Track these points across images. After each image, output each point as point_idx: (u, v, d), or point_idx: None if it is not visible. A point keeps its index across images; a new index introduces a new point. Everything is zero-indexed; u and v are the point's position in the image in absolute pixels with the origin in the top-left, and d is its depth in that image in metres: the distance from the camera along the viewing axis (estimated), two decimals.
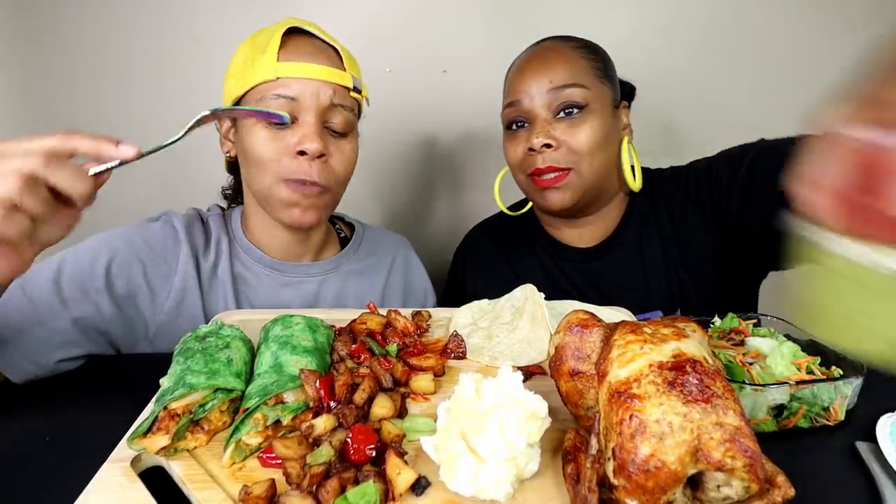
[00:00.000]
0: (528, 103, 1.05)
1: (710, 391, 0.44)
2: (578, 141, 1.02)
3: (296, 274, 1.06)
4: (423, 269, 1.24)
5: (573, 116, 1.03)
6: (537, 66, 1.06)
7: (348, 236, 1.18)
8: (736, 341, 0.78)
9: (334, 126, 0.94)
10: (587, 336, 0.57)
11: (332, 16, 1.54)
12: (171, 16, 1.52)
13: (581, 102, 1.02)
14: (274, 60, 0.89)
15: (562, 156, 1.03)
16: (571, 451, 0.54)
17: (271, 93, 0.89)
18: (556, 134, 1.03)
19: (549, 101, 1.03)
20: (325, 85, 0.91)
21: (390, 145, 1.65)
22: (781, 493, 0.45)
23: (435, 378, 0.71)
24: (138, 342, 0.96)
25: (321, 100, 0.91)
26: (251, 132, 0.92)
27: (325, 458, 0.53)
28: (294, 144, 0.90)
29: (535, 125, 1.04)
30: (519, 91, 1.06)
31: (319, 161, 0.92)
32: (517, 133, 1.09)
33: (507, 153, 1.12)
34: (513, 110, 1.08)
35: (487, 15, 1.55)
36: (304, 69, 0.90)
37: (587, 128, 1.02)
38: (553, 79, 1.03)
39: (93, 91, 1.56)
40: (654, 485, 0.42)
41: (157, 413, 0.57)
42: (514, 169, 1.12)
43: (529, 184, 1.09)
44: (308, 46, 0.93)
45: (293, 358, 0.66)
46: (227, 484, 0.54)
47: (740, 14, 1.54)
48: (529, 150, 1.05)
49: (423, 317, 0.89)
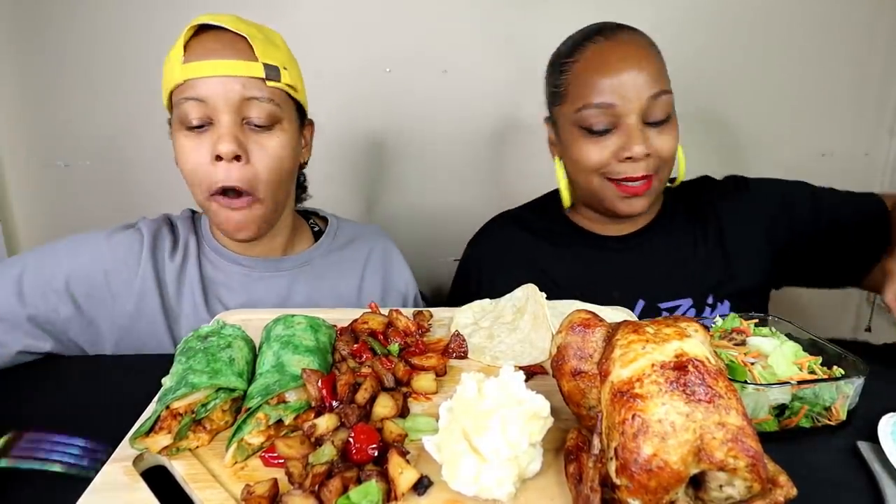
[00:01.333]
0: (623, 107, 0.97)
1: (713, 391, 0.44)
2: (668, 149, 1.00)
3: (266, 269, 1.05)
4: (404, 261, 1.19)
5: (661, 124, 0.99)
6: (632, 64, 0.97)
7: (323, 230, 1.16)
8: (738, 341, 0.78)
9: (254, 120, 0.89)
10: (589, 336, 0.57)
11: (332, 16, 1.54)
12: (171, 15, 1.52)
13: (670, 112, 1.00)
14: (180, 63, 0.87)
15: (652, 164, 1.00)
16: (574, 450, 0.54)
17: (182, 97, 0.87)
18: (651, 143, 0.99)
19: (646, 108, 0.97)
20: (233, 80, 0.86)
21: (390, 145, 1.65)
22: (783, 493, 0.45)
23: (437, 378, 0.71)
24: (102, 344, 0.98)
25: (230, 96, 0.86)
26: (176, 139, 0.91)
27: (328, 457, 0.53)
28: (212, 147, 0.87)
29: (631, 132, 0.98)
30: (611, 92, 0.97)
31: (238, 164, 0.88)
32: (602, 137, 1.00)
33: (586, 156, 1.02)
34: (599, 112, 0.99)
35: (487, 14, 1.55)
36: (208, 67, 0.86)
37: (673, 136, 1.00)
38: (651, 83, 0.97)
39: (92, 91, 1.56)
40: (657, 484, 0.42)
41: (160, 412, 0.57)
42: (589, 171, 1.04)
43: (609, 187, 1.03)
44: (213, 42, 0.88)
45: (295, 357, 0.66)
46: (230, 483, 0.54)
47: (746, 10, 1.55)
48: (626, 158, 0.99)
49: (424, 316, 0.89)
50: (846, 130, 1.64)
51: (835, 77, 1.60)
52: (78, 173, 1.62)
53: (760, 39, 1.57)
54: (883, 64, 1.59)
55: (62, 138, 1.59)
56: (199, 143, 0.88)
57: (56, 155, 1.60)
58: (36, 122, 1.58)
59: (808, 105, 1.62)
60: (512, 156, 1.64)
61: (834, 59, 1.59)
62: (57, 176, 1.62)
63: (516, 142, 1.63)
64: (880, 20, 1.56)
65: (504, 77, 1.58)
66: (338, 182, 1.66)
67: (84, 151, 1.61)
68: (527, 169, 1.56)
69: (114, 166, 1.61)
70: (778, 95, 1.61)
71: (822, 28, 1.56)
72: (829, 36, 1.57)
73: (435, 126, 1.63)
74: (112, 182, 1.63)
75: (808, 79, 1.60)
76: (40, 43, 1.52)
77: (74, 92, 1.56)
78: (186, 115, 0.87)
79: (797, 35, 1.56)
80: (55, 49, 1.53)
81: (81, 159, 1.61)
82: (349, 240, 1.15)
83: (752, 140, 1.65)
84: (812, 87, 1.61)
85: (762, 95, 1.61)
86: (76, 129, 1.58)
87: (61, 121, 1.58)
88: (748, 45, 1.57)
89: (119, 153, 1.60)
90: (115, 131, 1.58)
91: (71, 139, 1.59)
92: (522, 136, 1.62)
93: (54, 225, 1.66)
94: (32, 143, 1.60)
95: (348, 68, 1.57)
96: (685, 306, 1.08)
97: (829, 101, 1.62)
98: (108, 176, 1.62)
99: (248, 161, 0.89)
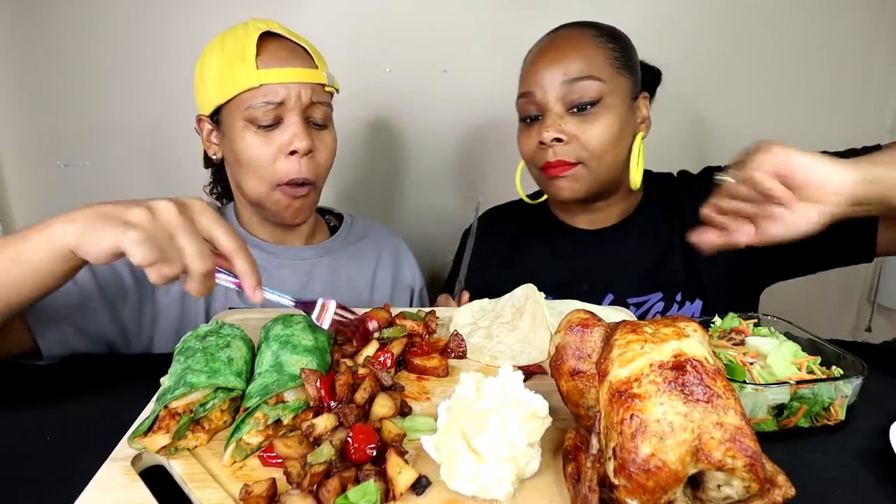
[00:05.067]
0: (541, 96, 1.02)
1: (711, 391, 0.44)
2: (590, 137, 1.00)
3: (289, 257, 1.13)
4: (413, 257, 1.28)
5: (586, 112, 1.00)
6: (552, 56, 1.02)
7: (338, 226, 1.24)
8: (736, 341, 0.78)
9: (316, 120, 1.00)
10: (588, 335, 0.57)
11: (333, 16, 1.54)
12: (171, 14, 1.52)
13: (595, 97, 1.00)
14: (254, 69, 0.94)
15: (572, 150, 1.01)
16: (572, 450, 0.54)
17: (258, 100, 0.94)
18: (568, 128, 1.00)
19: (563, 95, 1.00)
20: (305, 86, 0.97)
21: (390, 145, 1.65)
22: (782, 493, 0.45)
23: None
24: (145, 329, 1.01)
25: (303, 100, 0.97)
26: (241, 137, 0.97)
27: (326, 457, 0.53)
28: (285, 144, 0.97)
29: (546, 118, 1.02)
30: (532, 82, 1.04)
31: (307, 158, 0.99)
32: (531, 126, 1.07)
33: (521, 145, 1.10)
34: (525, 102, 1.06)
35: (487, 14, 1.55)
36: (285, 74, 0.95)
37: (600, 124, 1.00)
38: (567, 71, 1.00)
39: (92, 91, 1.56)
40: (655, 484, 0.42)
41: (158, 412, 0.57)
42: (527, 161, 1.11)
43: (541, 175, 1.08)
44: (282, 50, 0.97)
45: (294, 357, 0.66)
46: (228, 483, 0.54)
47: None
48: (540, 144, 1.03)
49: (433, 317, 0.88)
50: (846, 130, 1.64)
51: (835, 77, 1.60)
52: (78, 173, 1.62)
53: (760, 39, 1.56)
54: (883, 64, 1.59)
55: (62, 138, 1.59)
56: (269, 140, 0.97)
57: (56, 155, 1.60)
58: (36, 122, 1.58)
59: (808, 105, 1.62)
60: (511, 155, 1.64)
61: (834, 59, 1.58)
62: (57, 176, 1.62)
63: (516, 141, 1.63)
64: (880, 20, 1.56)
65: (504, 77, 1.57)
66: (337, 181, 1.66)
67: (84, 151, 1.61)
68: (526, 168, 1.56)
69: (114, 166, 1.62)
70: (777, 96, 1.61)
71: (821, 28, 1.56)
72: (829, 36, 1.56)
73: (435, 126, 1.63)
74: (112, 182, 1.63)
75: (807, 79, 1.60)
76: (40, 43, 1.53)
77: (74, 92, 1.56)
78: (259, 116, 0.95)
79: (797, 35, 1.56)
80: (55, 49, 1.53)
81: (81, 159, 1.61)
82: (363, 235, 1.24)
83: (751, 140, 1.65)
84: (812, 88, 1.60)
85: (762, 96, 1.61)
86: (76, 129, 1.58)
87: (61, 121, 1.58)
88: (748, 45, 1.57)
89: (119, 153, 1.60)
90: (115, 131, 1.58)
91: (71, 139, 1.59)
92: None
93: None
94: (32, 143, 1.60)
95: (348, 68, 1.57)
96: (653, 300, 1.08)
97: (829, 101, 1.61)
98: (108, 176, 1.62)
99: (314, 156, 1.00)
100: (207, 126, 1.04)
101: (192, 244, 0.59)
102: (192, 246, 0.59)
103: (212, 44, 1.00)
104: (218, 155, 1.05)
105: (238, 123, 0.97)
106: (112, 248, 0.58)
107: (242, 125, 0.96)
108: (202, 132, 1.06)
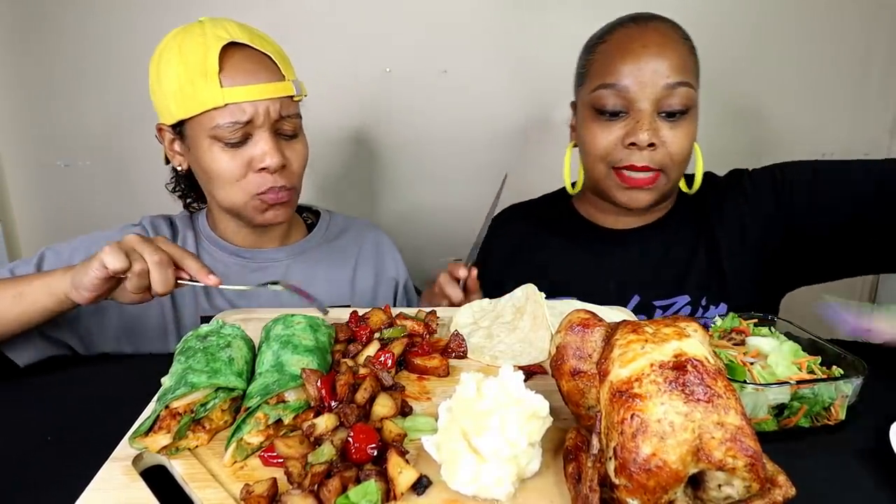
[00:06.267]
0: (637, 92, 0.95)
1: (712, 391, 0.44)
2: (678, 146, 0.97)
3: (262, 260, 1.11)
4: (395, 249, 1.25)
5: (675, 119, 0.97)
6: (654, 51, 0.95)
7: (315, 223, 1.21)
8: (737, 341, 0.79)
9: (286, 133, 0.98)
10: (588, 335, 0.57)
11: (333, 16, 1.54)
12: (171, 15, 1.51)
13: (688, 105, 0.97)
14: (218, 86, 0.90)
15: (658, 157, 0.97)
16: (573, 450, 0.54)
17: (225, 120, 0.91)
18: (662, 134, 0.96)
19: (661, 97, 0.95)
20: (273, 101, 0.93)
21: (389, 145, 1.65)
22: (782, 493, 0.45)
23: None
24: (106, 335, 1.01)
25: (272, 116, 0.94)
26: (208, 153, 0.94)
27: (327, 457, 0.53)
28: (256, 161, 0.94)
29: (640, 119, 0.96)
30: (626, 75, 0.96)
31: (280, 170, 0.97)
32: (612, 121, 0.99)
33: (592, 139, 1.01)
34: (611, 94, 0.97)
35: (487, 15, 1.55)
36: (251, 91, 0.91)
37: (687, 133, 0.97)
38: (670, 72, 0.94)
39: (92, 91, 1.56)
40: (656, 484, 0.42)
41: (159, 412, 0.57)
42: (595, 157, 1.03)
43: (612, 177, 1.02)
44: (247, 63, 0.93)
45: (294, 357, 0.66)
46: (229, 483, 0.54)
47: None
48: (630, 145, 0.97)
49: (434, 318, 0.88)
50: (846, 130, 1.64)
51: (835, 77, 1.60)
52: (78, 173, 1.62)
53: (759, 40, 1.56)
54: (883, 64, 1.59)
55: (62, 138, 1.59)
56: (238, 155, 0.94)
57: (56, 155, 1.61)
58: (36, 122, 1.58)
59: (808, 105, 1.62)
60: (511, 155, 1.64)
61: (834, 58, 1.58)
62: (57, 176, 1.62)
63: (516, 141, 1.63)
64: (881, 20, 1.56)
65: (504, 77, 1.58)
66: (337, 181, 1.66)
67: (84, 151, 1.61)
68: (526, 168, 1.56)
69: (114, 166, 1.62)
70: (777, 96, 1.60)
71: (821, 28, 1.56)
72: (829, 36, 1.56)
73: (434, 126, 1.62)
74: (112, 182, 1.63)
75: (807, 79, 1.60)
76: (40, 43, 1.53)
77: (74, 92, 1.56)
78: (226, 135, 0.92)
79: (796, 35, 1.56)
80: (55, 49, 1.53)
81: (81, 159, 1.61)
82: (341, 231, 1.22)
83: (751, 140, 1.65)
84: (812, 87, 1.60)
85: (761, 95, 1.61)
86: (76, 129, 1.58)
87: (61, 121, 1.58)
88: (747, 46, 1.57)
89: (119, 153, 1.60)
90: (115, 131, 1.58)
91: (71, 139, 1.59)
92: (522, 136, 1.61)
93: (54, 225, 1.66)
94: (32, 143, 1.60)
95: (348, 68, 1.57)
96: (680, 303, 1.07)
97: (830, 101, 1.61)
98: (108, 176, 1.63)
99: (286, 167, 0.98)
100: (169, 136, 1.00)
101: (148, 246, 0.77)
102: (149, 247, 0.77)
103: (167, 46, 0.95)
104: (183, 166, 1.02)
105: (204, 141, 0.94)
106: (94, 275, 0.76)
107: (209, 142, 0.93)
108: (163, 140, 1.02)
